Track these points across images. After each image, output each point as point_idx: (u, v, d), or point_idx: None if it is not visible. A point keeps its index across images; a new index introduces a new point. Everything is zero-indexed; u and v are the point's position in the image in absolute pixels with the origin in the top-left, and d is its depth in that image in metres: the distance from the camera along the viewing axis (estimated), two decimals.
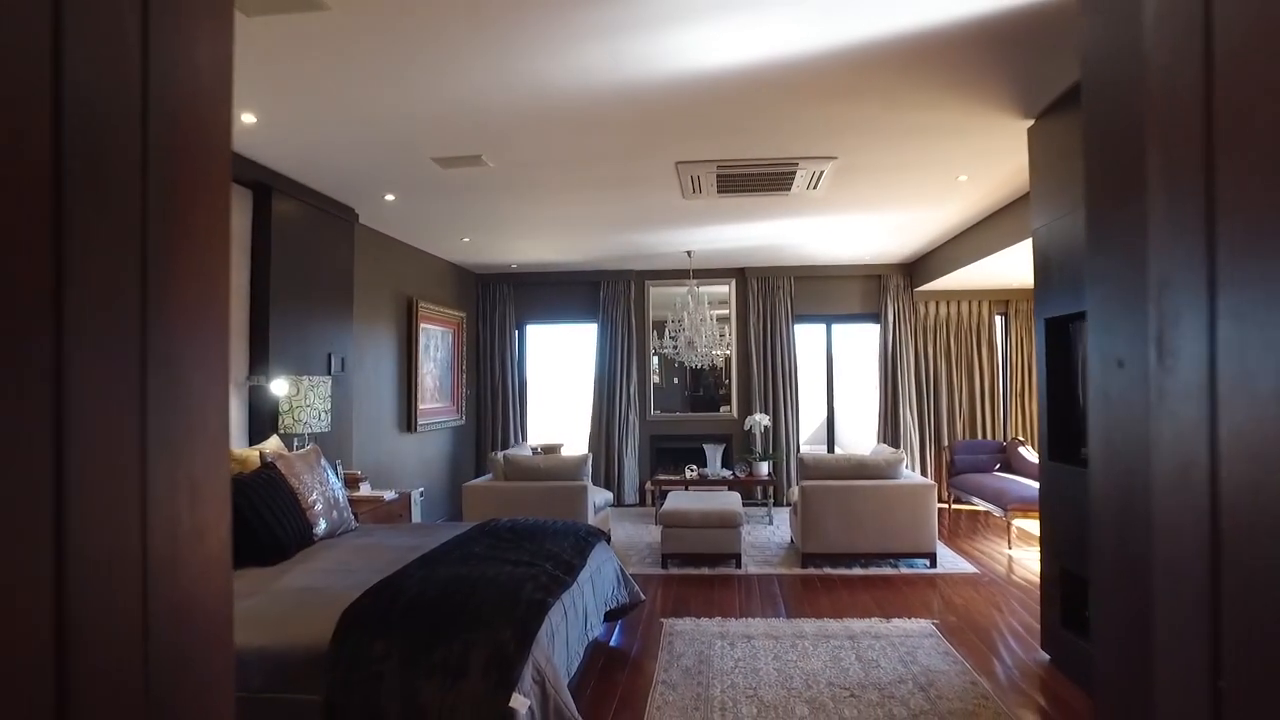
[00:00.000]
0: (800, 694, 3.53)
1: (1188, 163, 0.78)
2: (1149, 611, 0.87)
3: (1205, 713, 0.72)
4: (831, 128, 4.16)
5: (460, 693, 2.41)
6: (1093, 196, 1.04)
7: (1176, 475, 0.78)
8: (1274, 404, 0.62)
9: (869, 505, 5.81)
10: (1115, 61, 0.99)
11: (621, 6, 2.81)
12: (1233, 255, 0.67)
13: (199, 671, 0.81)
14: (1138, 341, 0.87)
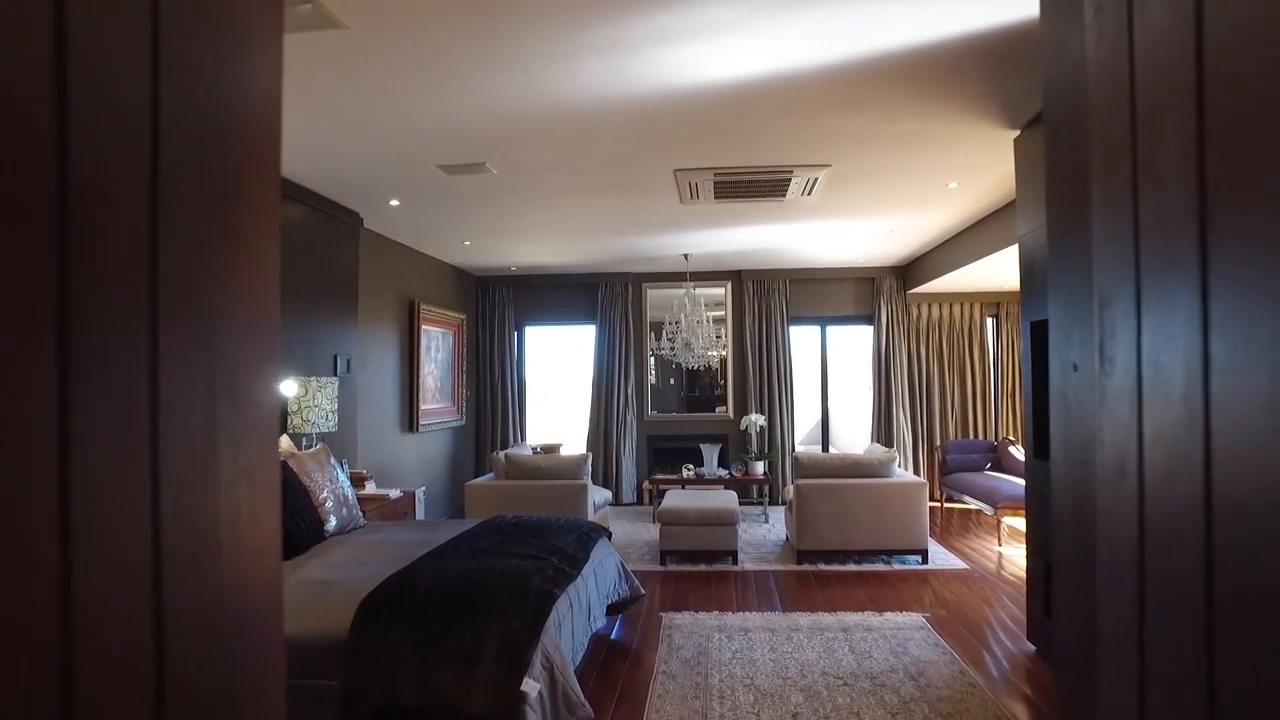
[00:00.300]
0: (795, 683, 3.67)
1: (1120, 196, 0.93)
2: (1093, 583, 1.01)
3: (1134, 659, 0.87)
4: (826, 137, 4.30)
5: (474, 678, 2.55)
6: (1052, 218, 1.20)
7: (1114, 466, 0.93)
8: (1181, 405, 0.77)
9: (862, 503, 5.96)
10: (1069, 94, 1.13)
11: (625, 26, 2.94)
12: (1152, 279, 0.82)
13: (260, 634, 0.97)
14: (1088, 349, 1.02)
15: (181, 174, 0.74)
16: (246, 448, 1.09)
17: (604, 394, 9.22)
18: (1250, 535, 0.66)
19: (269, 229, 1.06)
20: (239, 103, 0.88)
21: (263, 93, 1.12)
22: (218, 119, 0.86)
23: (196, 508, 0.94)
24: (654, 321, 9.22)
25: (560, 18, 2.87)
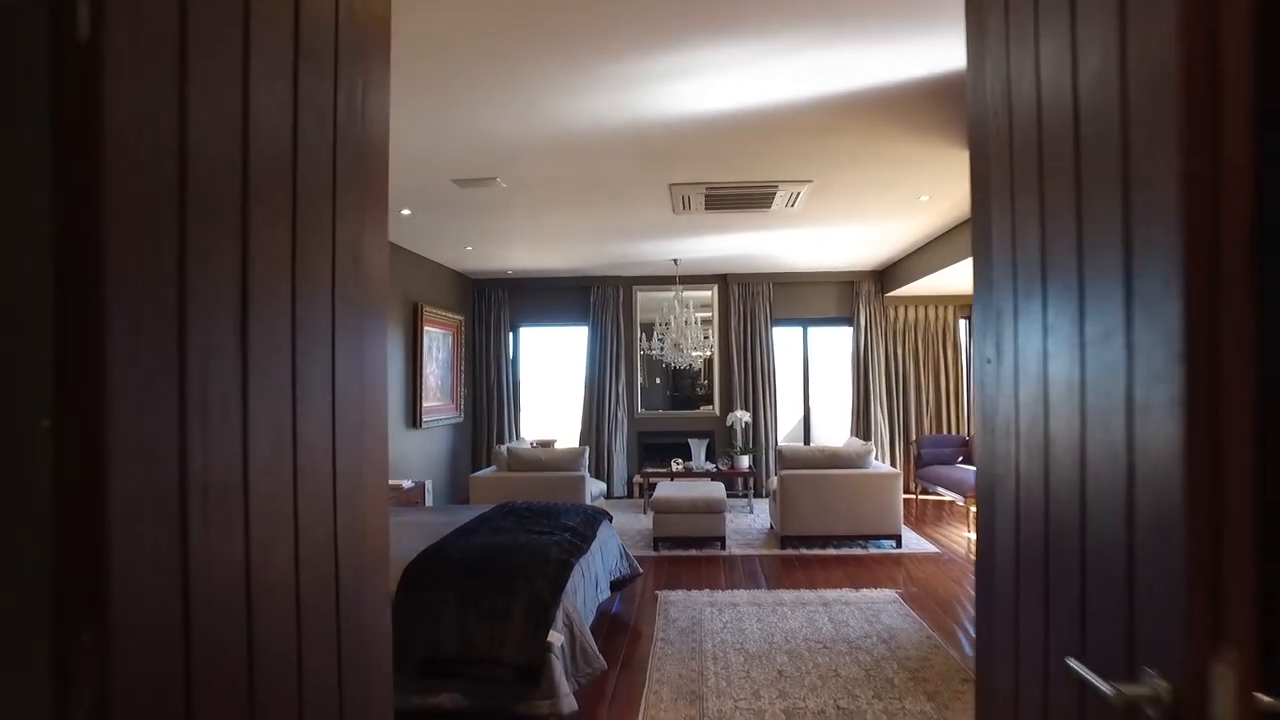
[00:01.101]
0: (780, 647, 4.11)
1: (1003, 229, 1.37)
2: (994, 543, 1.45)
3: (1011, 598, 1.30)
4: (808, 157, 4.74)
5: (506, 632, 2.95)
6: (974, 241, 1.62)
7: (1004, 429, 1.37)
8: (1035, 384, 1.20)
9: (841, 492, 6.42)
10: (981, 140, 1.55)
11: (628, 65, 3.36)
12: (1024, 298, 1.26)
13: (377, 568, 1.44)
14: (993, 346, 1.46)
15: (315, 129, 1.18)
16: (369, 427, 1.57)
17: (596, 392, 9.63)
18: (1063, 469, 1.12)
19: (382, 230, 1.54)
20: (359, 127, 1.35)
21: (377, 119, 1.60)
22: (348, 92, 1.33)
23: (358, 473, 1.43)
24: (644, 322, 9.64)
25: (571, 59, 3.28)
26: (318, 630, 1.31)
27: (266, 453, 1.17)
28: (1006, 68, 1.35)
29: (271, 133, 1.19)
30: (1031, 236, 1.24)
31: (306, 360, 1.30)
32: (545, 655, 2.92)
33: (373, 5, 1.58)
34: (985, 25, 1.45)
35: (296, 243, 1.27)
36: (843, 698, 3.44)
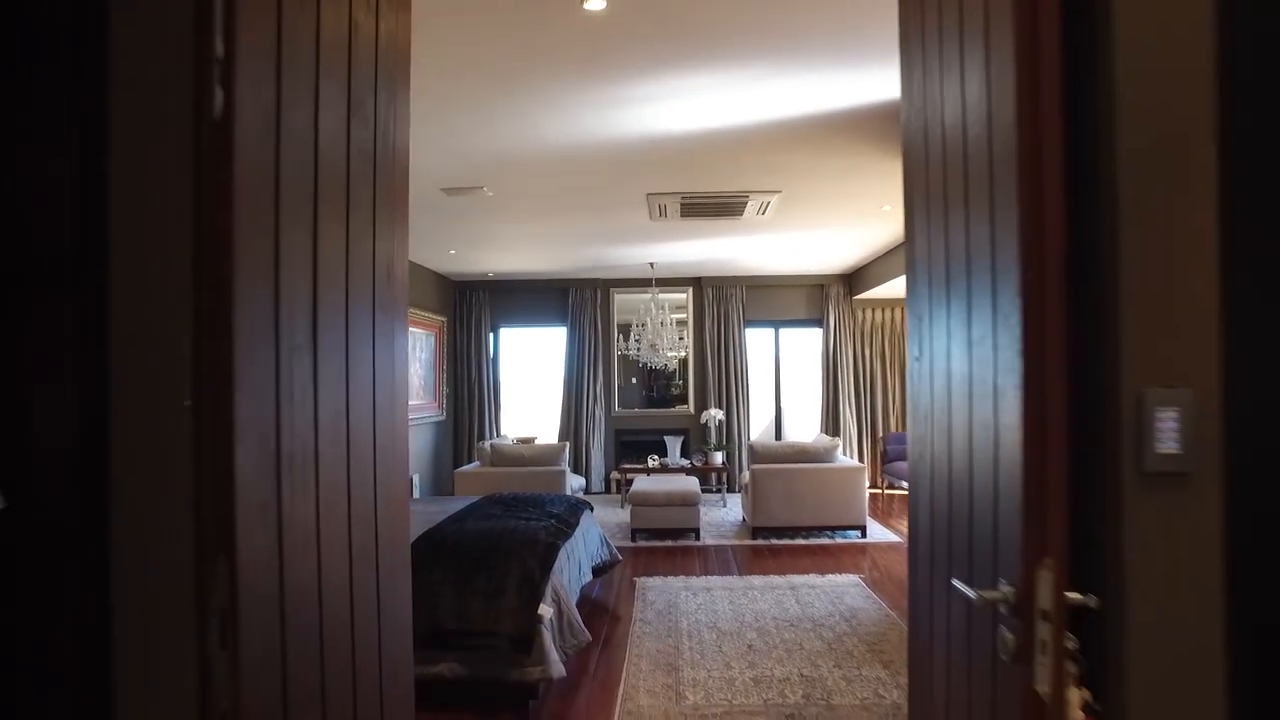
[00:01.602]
0: (750, 625, 4.43)
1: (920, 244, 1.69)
2: (918, 506, 1.77)
3: (928, 544, 1.62)
4: (778, 169, 5.07)
5: (500, 606, 3.24)
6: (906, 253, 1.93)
7: (924, 423, 1.69)
8: (944, 376, 1.52)
9: (809, 485, 6.77)
10: (914, 162, 1.85)
11: (614, 89, 3.66)
12: (939, 305, 1.58)
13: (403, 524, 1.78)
14: (917, 345, 1.78)
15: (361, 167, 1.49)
16: (398, 411, 1.89)
17: (574, 391, 9.92)
18: (959, 442, 1.45)
19: (405, 242, 1.86)
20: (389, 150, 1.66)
21: (401, 144, 1.92)
22: (384, 134, 1.64)
23: (384, 445, 1.75)
24: (621, 324, 9.94)
25: (562, 81, 3.58)
26: (363, 569, 1.60)
27: (329, 432, 1.46)
28: (924, 105, 1.67)
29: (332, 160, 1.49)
30: (939, 254, 1.57)
31: (355, 357, 1.60)
32: (536, 627, 3.21)
33: (399, 40, 1.88)
34: (912, 70, 1.77)
35: (350, 258, 1.57)
36: (806, 667, 3.77)
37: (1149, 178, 1.12)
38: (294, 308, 1.33)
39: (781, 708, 3.31)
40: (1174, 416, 1.12)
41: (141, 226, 1.17)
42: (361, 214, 1.62)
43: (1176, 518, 1.12)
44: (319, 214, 1.43)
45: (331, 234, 1.47)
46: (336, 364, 1.50)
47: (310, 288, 1.39)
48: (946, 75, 1.49)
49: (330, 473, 1.47)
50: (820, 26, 3.02)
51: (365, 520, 1.62)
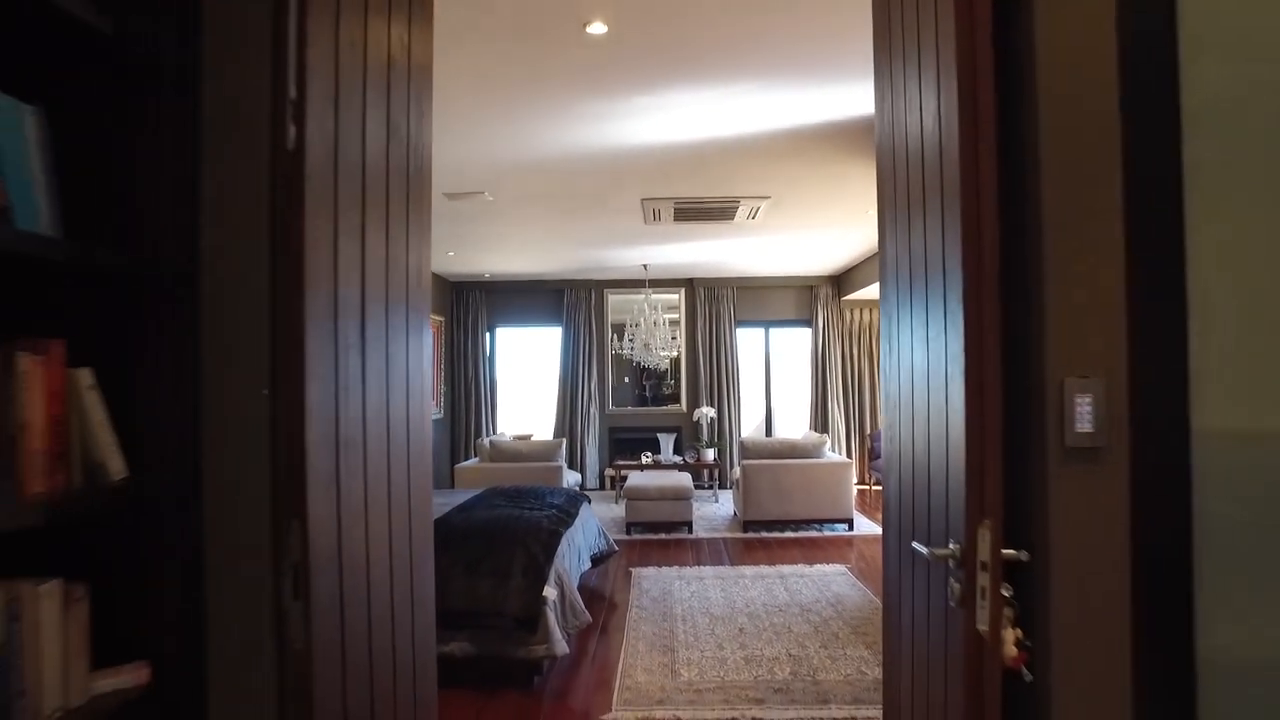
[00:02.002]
0: (741, 610, 4.66)
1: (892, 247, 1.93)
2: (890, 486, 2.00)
3: (895, 515, 1.85)
4: (767, 176, 5.30)
5: (507, 588, 3.46)
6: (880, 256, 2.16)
7: (893, 410, 1.91)
8: (909, 369, 1.75)
9: (798, 480, 7.00)
10: (882, 169, 2.08)
11: (611, 104, 3.88)
12: (904, 305, 1.82)
13: (427, 498, 2.02)
14: (888, 341, 2.00)
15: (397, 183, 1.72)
16: (424, 402, 2.12)
17: (569, 389, 10.13)
18: (920, 426, 1.69)
19: (429, 248, 2.09)
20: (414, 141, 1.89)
21: (425, 153, 2.15)
22: (414, 153, 1.86)
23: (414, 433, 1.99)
24: (615, 323, 10.16)
25: (563, 96, 3.80)
26: (400, 542, 1.82)
27: (373, 421, 1.68)
28: (892, 127, 1.89)
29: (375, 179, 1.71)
30: (905, 261, 1.80)
31: (393, 354, 1.81)
32: (541, 608, 3.43)
33: (425, 66, 2.09)
34: (884, 94, 2.00)
35: (388, 265, 1.78)
36: (794, 648, 4.00)
37: (1067, 206, 1.35)
38: (347, 311, 1.55)
39: (770, 683, 3.54)
40: (1089, 401, 1.35)
41: (226, 246, 1.39)
42: (397, 226, 1.83)
43: (1091, 485, 1.35)
44: (365, 228, 1.65)
45: (374, 245, 1.69)
46: (378, 360, 1.72)
47: (359, 293, 1.61)
48: (909, 106, 1.72)
49: (375, 456, 1.69)
50: (806, 47, 3.24)
51: (400, 500, 1.84)
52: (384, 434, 1.75)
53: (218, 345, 1.38)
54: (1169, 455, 1.38)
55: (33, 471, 1.08)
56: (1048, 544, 1.36)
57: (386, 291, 1.77)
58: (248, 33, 1.40)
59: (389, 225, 1.79)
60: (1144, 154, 1.37)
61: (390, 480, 1.78)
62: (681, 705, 3.30)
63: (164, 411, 1.34)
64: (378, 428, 1.71)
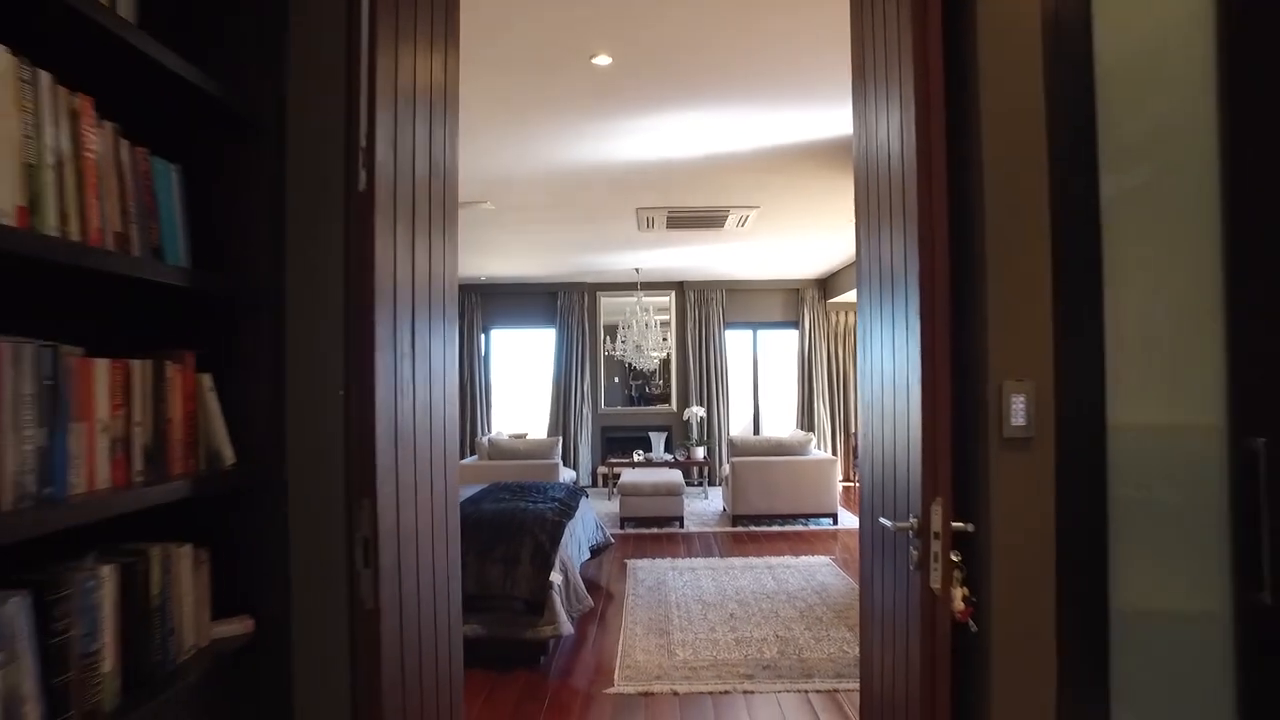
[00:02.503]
0: (731, 598, 4.95)
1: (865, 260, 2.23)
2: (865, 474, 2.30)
3: (869, 498, 2.15)
4: (756, 188, 5.60)
5: (517, 574, 3.73)
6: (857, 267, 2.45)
7: (868, 409, 2.21)
8: (880, 366, 2.05)
9: (785, 476, 7.30)
10: (860, 186, 2.37)
11: (611, 125, 4.16)
12: (874, 312, 2.11)
13: (455, 512, 2.33)
14: (864, 346, 2.30)
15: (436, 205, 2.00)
16: (453, 400, 2.44)
17: (563, 390, 10.40)
18: (888, 421, 1.99)
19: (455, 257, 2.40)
20: (447, 166, 2.18)
21: (453, 166, 2.42)
22: (447, 176, 2.15)
23: (447, 426, 2.29)
24: (607, 325, 10.44)
25: (568, 117, 4.08)
26: (439, 523, 2.09)
27: (421, 418, 1.95)
28: (867, 150, 2.18)
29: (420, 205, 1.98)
30: (876, 275, 2.09)
31: (434, 358, 2.08)
32: (548, 592, 3.70)
33: (452, 89, 2.36)
34: (860, 119, 2.28)
35: (431, 281, 2.05)
36: (781, 630, 4.29)
37: (1004, 242, 1.65)
38: (402, 322, 1.82)
39: (759, 661, 3.83)
40: (1022, 400, 1.64)
41: (307, 270, 1.66)
42: (436, 243, 2.11)
43: (1024, 470, 1.65)
44: (414, 248, 1.92)
45: (420, 263, 1.96)
46: (424, 364, 1.99)
47: (411, 307, 1.89)
48: (879, 136, 2.01)
49: (422, 449, 1.96)
50: (792, 76, 3.54)
51: (440, 487, 2.12)
52: (427, 428, 2.02)
53: (301, 354, 1.65)
54: (1087, 445, 1.67)
55: (175, 457, 1.34)
56: (989, 517, 1.66)
57: (429, 303, 2.04)
58: (324, 91, 1.67)
59: (431, 244, 2.06)
60: (1068, 197, 1.67)
61: (433, 469, 2.06)
62: (678, 681, 3.59)
63: (259, 409, 1.61)
64: (423, 423, 1.98)
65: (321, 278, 1.68)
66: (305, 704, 1.64)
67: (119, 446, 1.21)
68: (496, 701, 3.42)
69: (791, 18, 2.97)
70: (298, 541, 1.64)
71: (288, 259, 1.65)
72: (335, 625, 1.66)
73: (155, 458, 1.30)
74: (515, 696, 3.48)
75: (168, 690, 1.28)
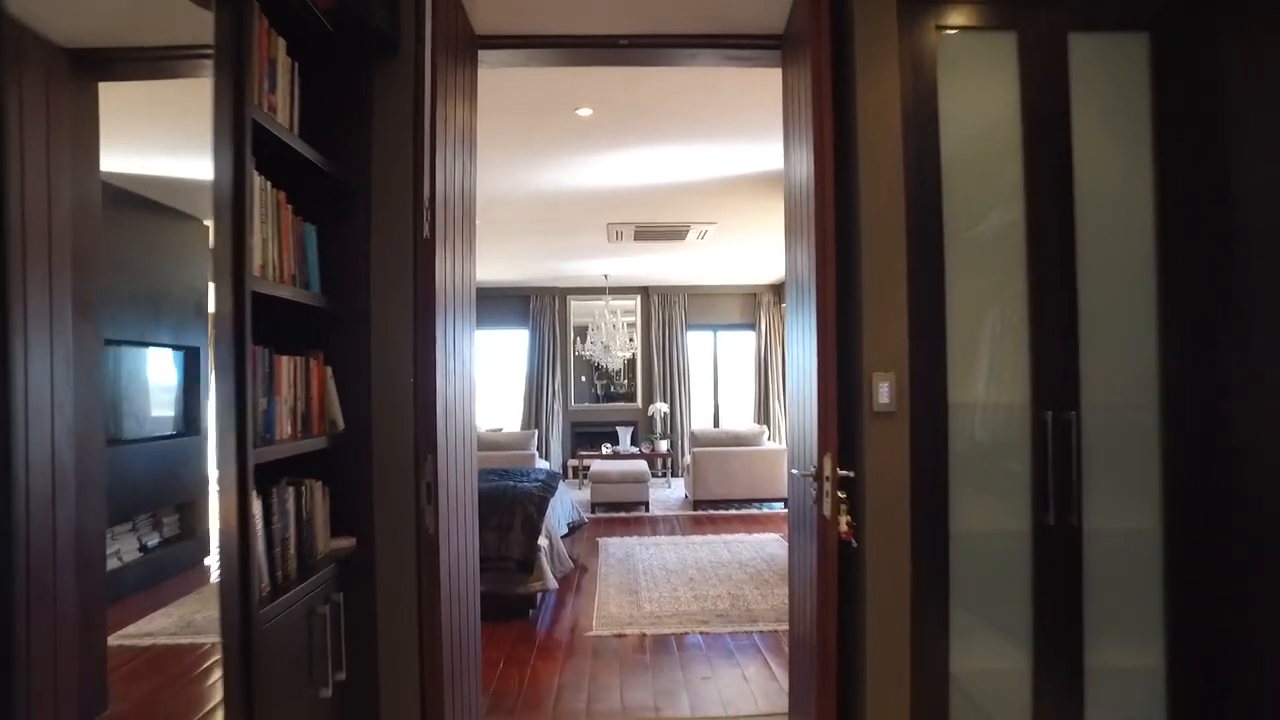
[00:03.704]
0: (691, 566, 5.68)
1: (790, 272, 2.97)
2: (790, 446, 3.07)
3: (791, 469, 2.89)
4: (714, 208, 6.34)
5: (510, 540, 4.41)
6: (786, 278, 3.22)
7: (794, 396, 2.94)
8: (799, 368, 2.78)
9: (741, 465, 8.06)
10: (788, 209, 3.10)
11: (587, 157, 4.86)
12: (792, 319, 2.85)
13: (474, 475, 3.08)
14: (792, 345, 3.04)
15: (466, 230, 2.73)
16: (473, 387, 3.21)
17: (535, 387, 11.06)
18: (804, 407, 2.76)
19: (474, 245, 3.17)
20: (469, 195, 2.92)
21: (472, 179, 3.17)
22: (470, 204, 2.89)
23: (469, 406, 3.05)
24: (577, 326, 11.12)
25: (552, 153, 4.76)
26: (466, 478, 2.78)
27: (455, 400, 2.63)
28: (790, 177, 2.90)
29: (458, 229, 2.66)
30: (794, 280, 2.81)
31: (461, 353, 2.76)
32: (536, 554, 4.39)
33: (472, 134, 3.02)
34: (789, 154, 3.00)
35: (461, 290, 2.73)
36: (733, 589, 5.03)
37: (875, 271, 2.39)
38: (447, 327, 2.50)
39: (714, 611, 4.56)
40: (887, 385, 2.38)
41: (385, 296, 2.33)
42: (465, 261, 2.79)
43: (888, 434, 2.39)
44: (450, 268, 2.60)
45: (455, 280, 2.64)
46: (455, 360, 2.67)
47: (452, 315, 2.57)
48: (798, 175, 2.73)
49: (457, 424, 2.64)
50: (746, 121, 4.27)
51: (467, 452, 2.80)
52: (461, 410, 2.71)
53: (383, 352, 2.32)
54: (933, 417, 2.42)
55: (314, 422, 2.02)
56: (864, 467, 2.39)
57: (459, 309, 2.72)
58: (395, 169, 2.35)
59: (462, 262, 2.75)
60: (921, 241, 2.41)
61: (465, 439, 2.74)
62: (645, 625, 4.30)
63: (358, 392, 2.28)
64: (458, 405, 2.66)
65: (394, 299, 2.36)
66: (386, 595, 2.32)
67: (291, 412, 1.88)
68: (495, 645, 4.10)
69: (742, 81, 3.70)
70: (381, 486, 2.32)
71: (373, 288, 2.33)
72: (406, 545, 2.34)
73: (305, 421, 1.97)
74: (511, 640, 4.16)
75: (313, 575, 1.95)
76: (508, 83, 3.65)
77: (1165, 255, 2.57)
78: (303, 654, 1.84)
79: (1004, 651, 2.53)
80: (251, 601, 1.56)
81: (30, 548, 1.61)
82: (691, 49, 3.06)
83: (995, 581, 2.52)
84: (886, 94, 2.47)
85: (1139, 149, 2.58)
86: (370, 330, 2.32)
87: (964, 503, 2.48)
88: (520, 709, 3.30)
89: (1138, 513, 2.56)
